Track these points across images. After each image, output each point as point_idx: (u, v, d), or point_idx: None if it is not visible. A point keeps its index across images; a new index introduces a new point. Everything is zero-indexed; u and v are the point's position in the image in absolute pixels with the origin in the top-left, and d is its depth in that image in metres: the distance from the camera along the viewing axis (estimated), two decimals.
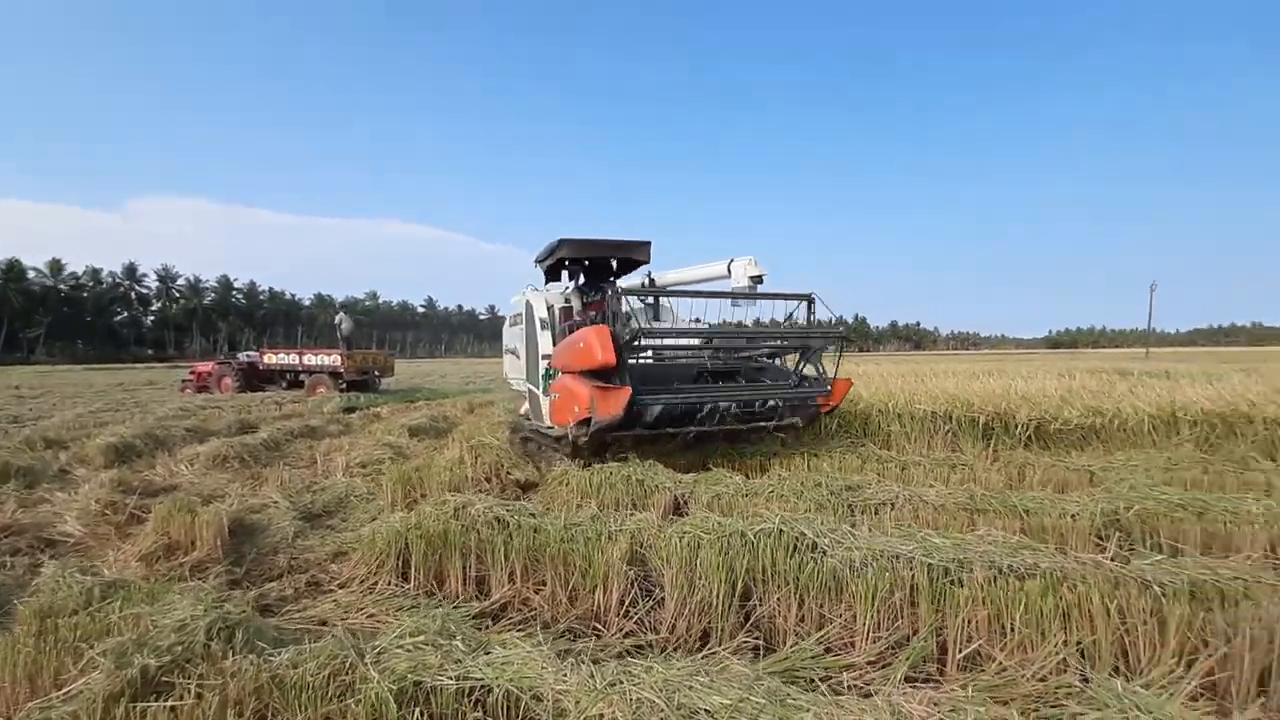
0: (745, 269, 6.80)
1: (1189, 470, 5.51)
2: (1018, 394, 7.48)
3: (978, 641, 2.59)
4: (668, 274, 7.59)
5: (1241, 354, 47.13)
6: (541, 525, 3.78)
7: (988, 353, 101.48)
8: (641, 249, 7.12)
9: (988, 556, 2.98)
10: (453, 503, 4.09)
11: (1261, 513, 3.97)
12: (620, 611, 3.08)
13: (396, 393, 18.37)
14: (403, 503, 5.29)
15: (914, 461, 6.24)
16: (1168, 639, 2.44)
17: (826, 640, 2.75)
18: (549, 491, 5.50)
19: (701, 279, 7.52)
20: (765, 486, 4.87)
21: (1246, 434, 6.33)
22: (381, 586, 3.67)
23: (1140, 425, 6.57)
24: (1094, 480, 5.38)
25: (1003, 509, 4.27)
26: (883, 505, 4.48)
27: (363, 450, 7.73)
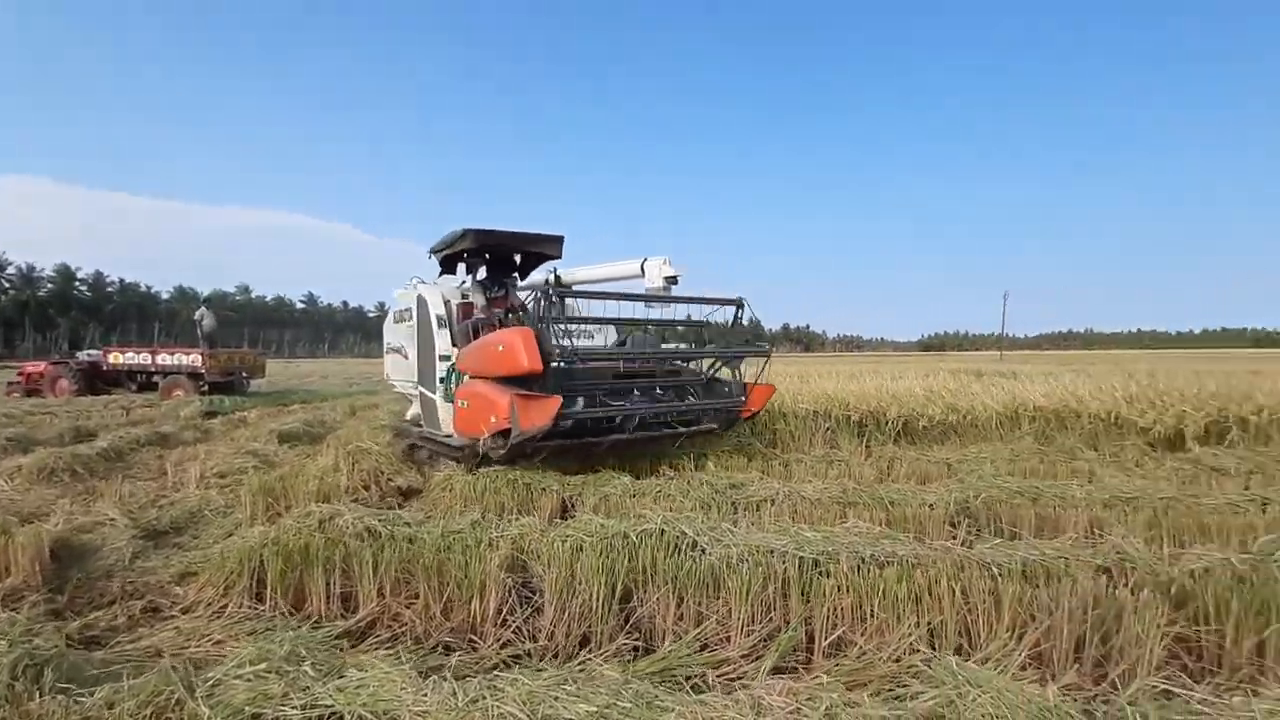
0: (660, 269, 6.75)
1: (1028, 460, 6.15)
2: (888, 394, 8.05)
3: (841, 628, 2.73)
4: (576, 271, 7.35)
5: (1077, 356, 53.74)
6: (417, 535, 3.58)
7: (869, 354, 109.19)
8: (553, 244, 6.83)
9: (853, 547, 3.14)
10: (318, 514, 3.80)
11: (1084, 497, 4.49)
12: (497, 621, 2.97)
13: (268, 395, 16.96)
14: (264, 516, 4.85)
15: (796, 459, 6.54)
16: (1003, 615, 2.67)
17: (704, 637, 2.79)
18: (431, 498, 5.26)
19: (613, 277, 7.40)
20: (652, 487, 4.90)
21: (1074, 427, 7.18)
22: (232, 609, 3.32)
23: (989, 421, 7.28)
24: (951, 471, 5.87)
25: (871, 501, 4.55)
26: (764, 502, 4.64)
27: (222, 459, 7.03)
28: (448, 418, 5.94)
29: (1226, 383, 8.58)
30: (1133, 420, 7.07)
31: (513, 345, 4.78)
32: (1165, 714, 1.86)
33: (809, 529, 3.35)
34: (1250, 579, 2.85)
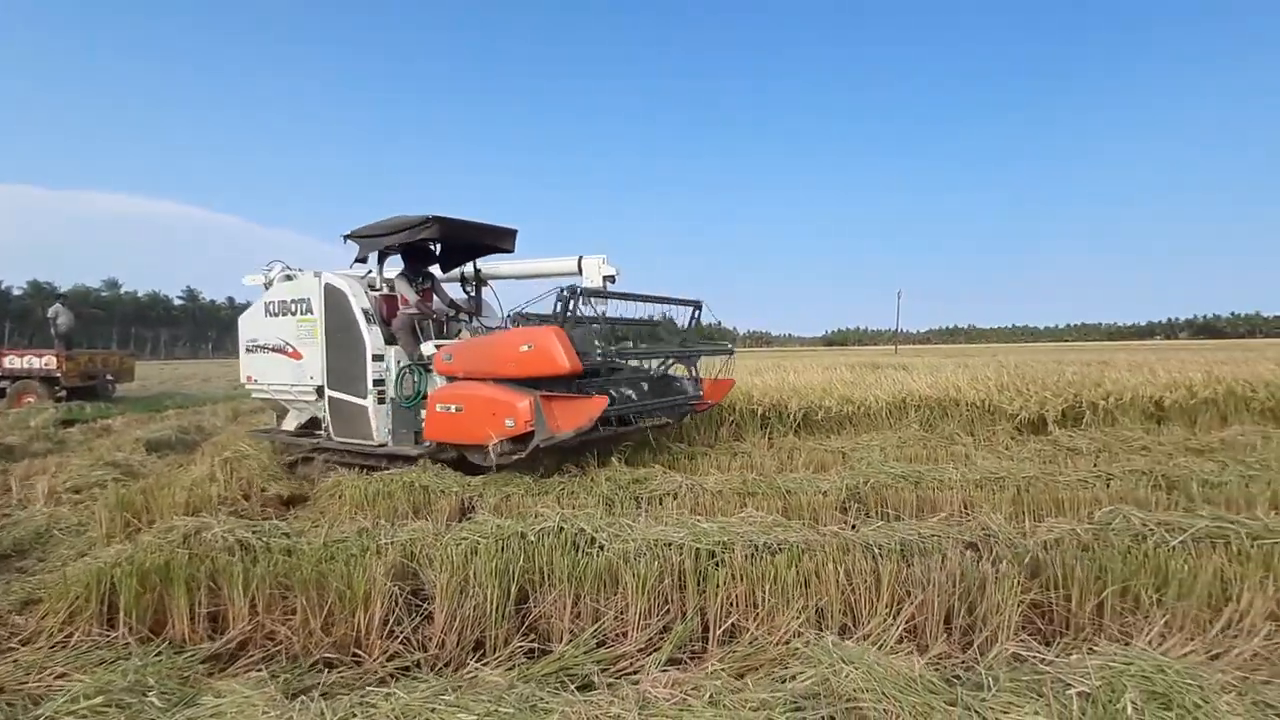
0: (599, 267, 6.73)
1: (913, 447, 6.57)
2: (790, 387, 8.37)
3: (735, 616, 2.78)
4: (500, 265, 7.14)
5: (961, 350, 58.27)
6: (296, 546, 3.34)
7: (777, 349, 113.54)
8: (508, 237, 6.48)
9: (748, 536, 3.22)
10: (182, 528, 3.46)
11: (958, 479, 4.83)
12: (384, 632, 2.81)
13: (139, 400, 15.41)
14: (122, 533, 4.38)
15: (701, 452, 6.66)
16: (882, 593, 2.82)
17: (601, 633, 2.77)
18: (319, 506, 4.94)
19: (545, 273, 7.26)
20: (555, 484, 4.84)
21: (954, 415, 7.75)
22: (79, 638, 2.97)
23: (880, 411, 7.73)
24: (845, 460, 6.18)
25: (770, 491, 4.69)
26: (667, 496, 4.68)
27: (77, 472, 6.29)
28: (384, 423, 5.56)
29: (1082, 372, 9.54)
30: (1003, 407, 7.71)
31: (546, 345, 4.53)
32: (1015, 675, 2.01)
33: (706, 520, 3.40)
34: (1092, 546, 3.16)
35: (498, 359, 4.87)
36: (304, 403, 6.37)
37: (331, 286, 5.84)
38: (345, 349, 5.73)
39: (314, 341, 6.00)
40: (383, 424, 5.59)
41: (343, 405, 5.81)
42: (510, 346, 4.80)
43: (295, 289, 6.20)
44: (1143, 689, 1.83)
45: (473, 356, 5.09)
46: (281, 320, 6.29)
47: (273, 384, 6.53)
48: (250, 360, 6.67)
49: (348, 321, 5.70)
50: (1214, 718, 1.82)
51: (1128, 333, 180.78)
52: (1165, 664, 1.94)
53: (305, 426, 6.62)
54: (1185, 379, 8.23)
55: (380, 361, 5.63)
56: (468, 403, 4.85)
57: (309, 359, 6.08)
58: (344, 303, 5.73)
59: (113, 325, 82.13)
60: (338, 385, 5.84)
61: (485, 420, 4.68)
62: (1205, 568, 2.85)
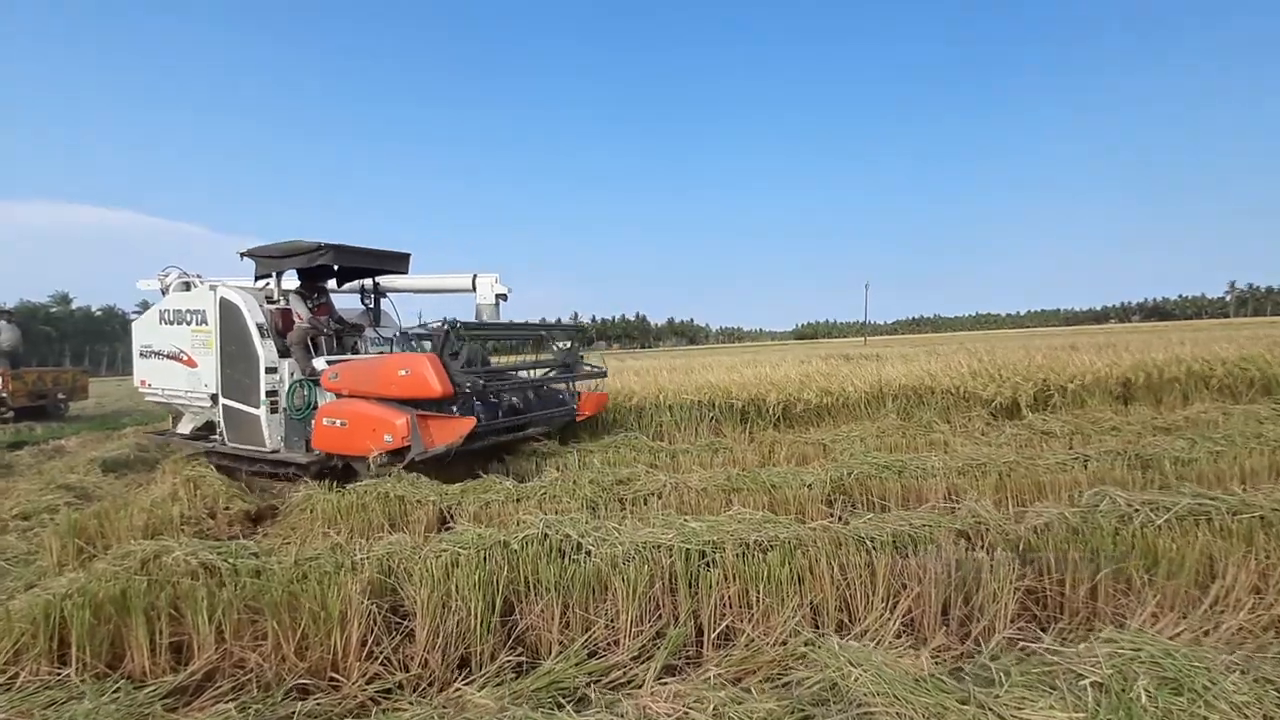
0: (491, 286, 7.27)
1: (892, 436, 6.59)
2: (768, 381, 8.34)
3: (729, 618, 2.70)
4: (397, 280, 7.36)
5: (930, 339, 59.43)
6: (265, 566, 3.16)
7: (750, 345, 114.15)
8: (402, 261, 6.77)
9: (737, 534, 3.14)
10: (139, 553, 3.24)
11: (941, 467, 4.83)
12: (362, 654, 2.66)
13: (94, 419, 14.75)
14: (75, 560, 4.12)
15: (683, 449, 6.57)
16: (878, 587, 2.77)
17: (592, 643, 2.66)
18: (289, 522, 4.72)
19: (439, 289, 7.74)
20: (536, 490, 4.70)
21: (930, 403, 7.81)
22: (25, 679, 2.75)
23: (858, 402, 7.75)
24: (826, 452, 6.16)
25: (754, 486, 4.63)
26: (651, 495, 4.59)
27: (25, 497, 5.94)
28: (276, 432, 5.84)
29: (1050, 357, 9.72)
30: (977, 393, 7.79)
31: (421, 371, 4.90)
32: (1025, 669, 1.96)
33: (694, 520, 3.31)
34: (1081, 529, 3.15)
35: (379, 380, 5.19)
36: (197, 408, 6.54)
37: (226, 300, 6.01)
38: (239, 361, 5.95)
39: (209, 351, 6.19)
40: (275, 432, 5.85)
41: (236, 413, 6.03)
42: (390, 370, 5.15)
43: (191, 299, 6.39)
44: (1153, 675, 1.80)
45: (357, 376, 5.38)
46: (177, 329, 6.46)
47: (167, 389, 6.66)
48: (144, 365, 6.82)
49: (242, 335, 5.91)
50: (1222, 698, 1.80)
51: (1084, 317, 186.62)
52: (1172, 648, 1.91)
53: (200, 430, 6.80)
54: (1149, 360, 8.43)
55: (274, 374, 5.86)
56: (351, 418, 5.16)
57: (204, 368, 6.27)
58: (238, 317, 5.93)
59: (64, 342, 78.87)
60: (231, 394, 6.06)
61: (367, 435, 5.03)
62: (1193, 546, 2.86)
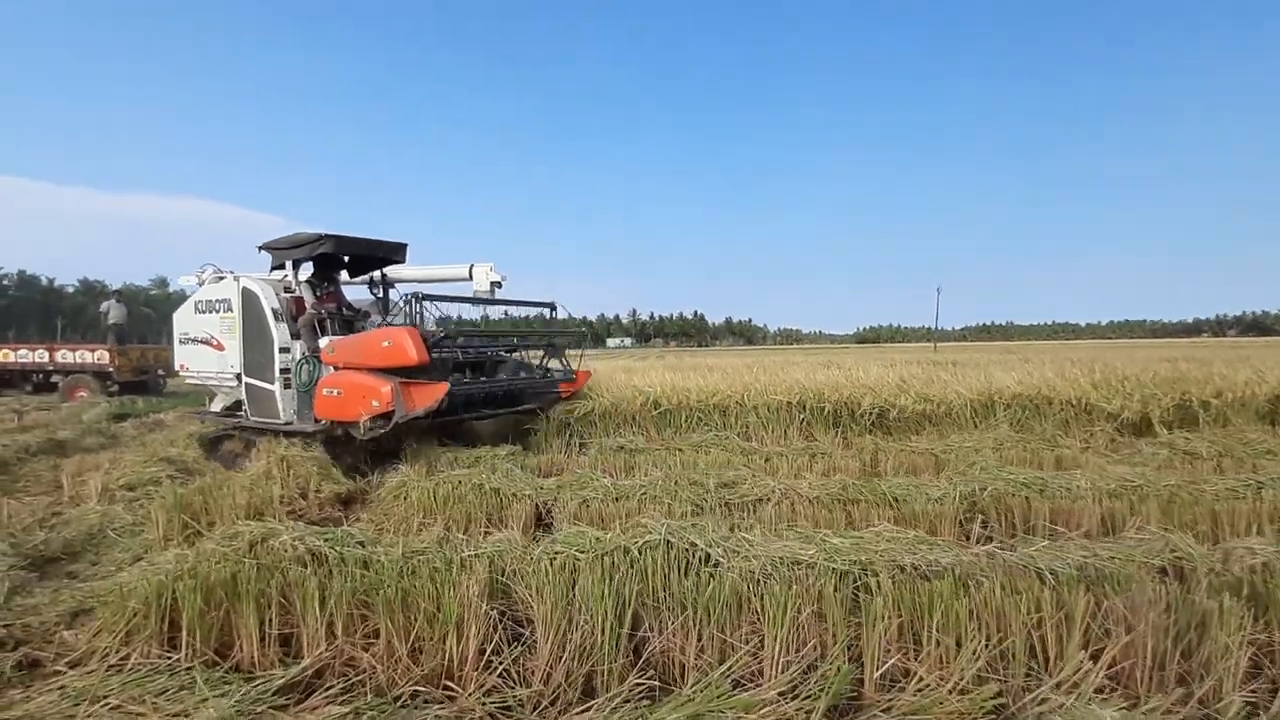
0: (486, 274, 7.86)
1: (1012, 449, 6.00)
2: (860, 384, 7.83)
3: (895, 656, 2.33)
4: (402, 271, 7.89)
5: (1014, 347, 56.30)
6: (373, 557, 2.99)
7: (810, 347, 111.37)
8: (399, 250, 7.31)
9: (889, 555, 2.76)
10: (248, 535, 3.13)
11: (1089, 488, 4.28)
12: (480, 664, 2.43)
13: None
14: (180, 536, 4.11)
15: (776, 452, 6.19)
16: (1073, 631, 2.34)
17: (732, 673, 2.34)
18: (382, 508, 4.62)
19: (440, 279, 8.38)
20: (636, 489, 4.43)
21: (1047, 414, 7.14)
22: (136, 660, 2.65)
23: (964, 410, 7.15)
24: (939, 464, 5.65)
25: (873, 498, 4.22)
26: (760, 502, 4.25)
27: (130, 468, 6.11)
28: (289, 405, 6.45)
29: (1176, 369, 8.79)
30: (1100, 406, 7.07)
31: (400, 341, 5.39)
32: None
33: (836, 535, 2.94)
34: None
35: (366, 352, 5.70)
36: (227, 388, 7.22)
37: (247, 289, 6.71)
38: (258, 342, 6.61)
39: (234, 336, 6.85)
40: (288, 405, 6.46)
41: (256, 390, 6.68)
42: (376, 342, 5.65)
43: (219, 290, 7.04)
44: None
45: (349, 350, 5.90)
46: (208, 316, 7.17)
47: (201, 371, 7.36)
48: (183, 351, 7.50)
49: (260, 319, 6.58)
50: None
51: (1173, 330, 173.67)
52: None
53: (229, 408, 7.46)
54: None
55: (286, 353, 6.48)
56: (345, 387, 5.66)
57: (230, 351, 6.94)
58: (257, 303, 6.60)
59: (163, 322, 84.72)
60: (253, 373, 6.71)
61: (357, 402, 5.51)
62: None
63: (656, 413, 7.43)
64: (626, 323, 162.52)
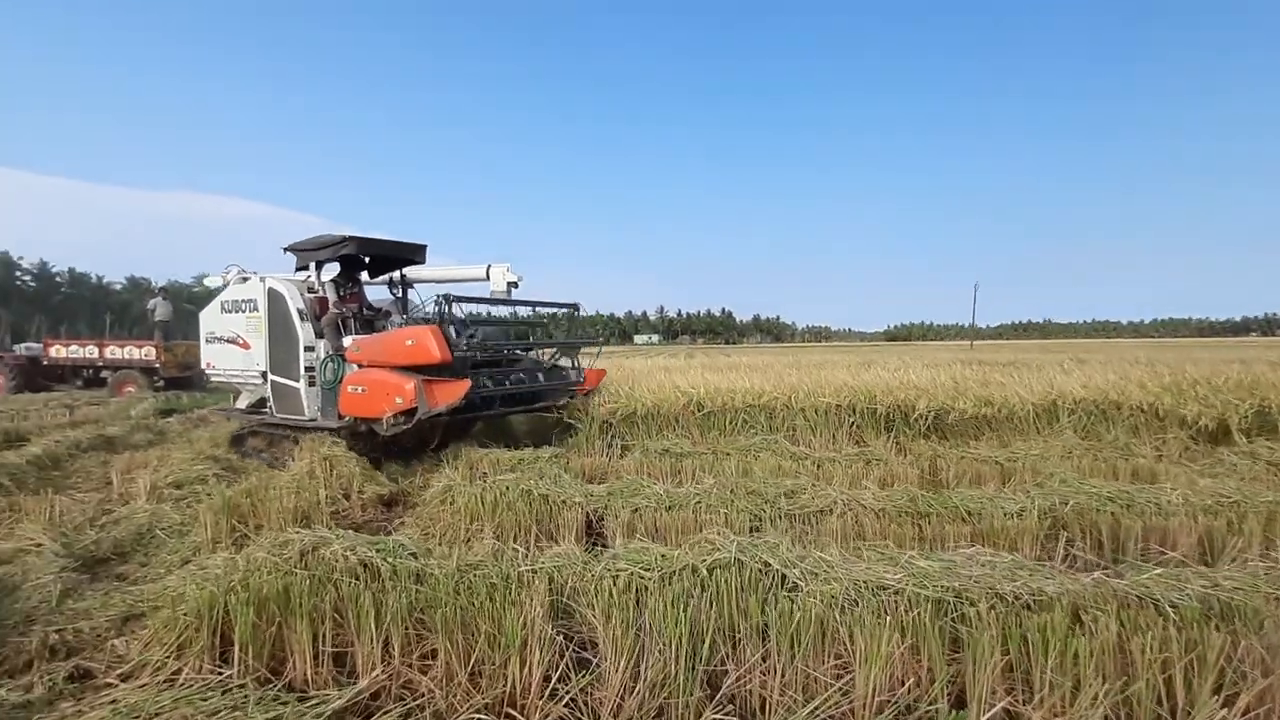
0: (503, 275, 8.18)
1: (1082, 458, 5.65)
2: (912, 385, 7.51)
3: (1004, 699, 2.10)
4: (421, 271, 8.05)
5: (1043, 345, 54.53)
6: (426, 570, 2.85)
7: (839, 345, 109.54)
8: (419, 251, 7.42)
9: (985, 581, 2.53)
10: (298, 542, 3.03)
11: (1181, 504, 3.96)
12: (544, 692, 2.28)
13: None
14: (228, 539, 4.06)
15: (827, 457, 5.95)
16: (1205, 675, 2.08)
17: (820, 712, 2.14)
18: (428, 513, 4.51)
19: (457, 278, 8.64)
20: (690, 496, 4.24)
21: (1115, 420, 6.74)
22: (188, 676, 2.56)
23: (1026, 414, 6.79)
24: (1004, 473, 5.34)
25: (945, 512, 3.96)
26: (822, 514, 4.02)
27: (178, 466, 6.14)
28: (313, 402, 6.60)
29: (1250, 372, 8.26)
30: (1176, 412, 6.64)
31: (424, 340, 5.54)
32: None
33: (923, 557, 2.71)
34: None
35: (390, 351, 5.85)
36: (252, 385, 7.32)
37: (274, 290, 6.88)
38: (284, 341, 6.78)
39: (260, 335, 7.02)
40: (313, 402, 6.62)
41: (282, 387, 6.85)
42: (399, 341, 5.80)
43: (246, 290, 7.19)
44: None
45: (374, 348, 6.05)
46: (234, 316, 7.33)
47: (227, 369, 7.52)
48: (210, 349, 7.66)
49: (286, 319, 6.75)
50: None
51: (1221, 328, 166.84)
52: None
53: (254, 406, 7.57)
54: None
55: (311, 352, 6.64)
56: (369, 384, 5.81)
57: (256, 349, 7.11)
58: (282, 303, 6.78)
59: None
60: (278, 371, 6.88)
61: (381, 398, 5.65)
62: None
63: (700, 414, 7.23)
64: (654, 319, 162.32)
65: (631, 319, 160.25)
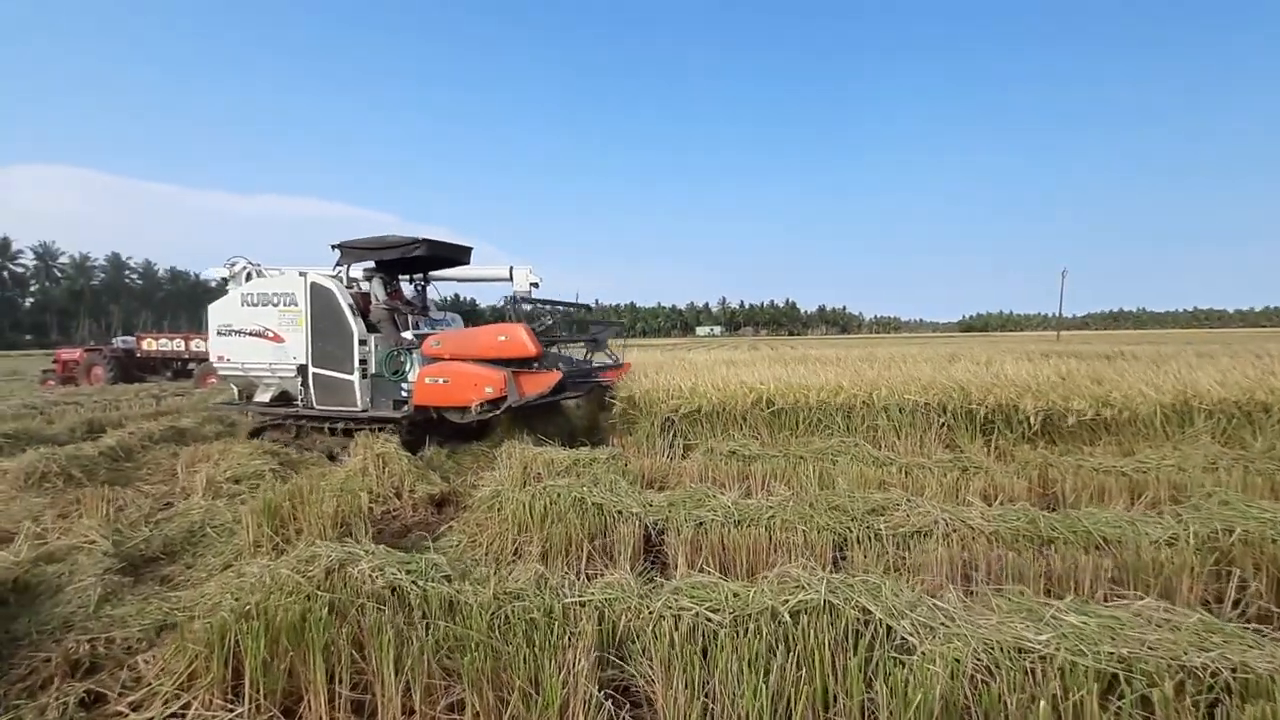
0: (526, 276, 8.70)
1: (1232, 470, 4.76)
2: (1012, 381, 6.67)
3: None
4: (449, 270, 8.20)
5: (1141, 336, 50.15)
6: (459, 597, 2.47)
7: (911, 336, 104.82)
8: (466, 252, 7.70)
9: (1165, 648, 1.91)
10: (324, 559, 2.72)
11: None
12: None
13: None
14: (269, 543, 3.85)
15: (916, 464, 5.27)
16: None
17: None
18: (475, 520, 4.18)
19: (483, 278, 9.07)
20: (762, 510, 3.72)
21: (1262, 425, 5.73)
22: (197, 711, 2.29)
23: (1153, 416, 5.88)
24: (1134, 487, 4.54)
25: (1073, 537, 3.29)
26: (920, 535, 3.42)
27: (239, 459, 6.10)
28: (366, 393, 6.78)
29: None
30: None
31: (518, 336, 6.00)
32: None
33: (1074, 610, 2.11)
34: None
35: (480, 346, 6.24)
36: (280, 379, 7.32)
37: (318, 285, 6.92)
38: (334, 335, 6.84)
39: (298, 329, 7.02)
40: (365, 394, 6.80)
41: (328, 380, 6.93)
42: (490, 336, 6.23)
43: (279, 284, 7.17)
44: None
45: (458, 343, 6.41)
46: (263, 309, 7.23)
47: (247, 363, 7.43)
48: (222, 342, 7.56)
49: (335, 313, 6.81)
50: None
51: None
52: None
53: (276, 399, 7.49)
54: None
55: (364, 345, 6.77)
56: (454, 376, 6.12)
57: (292, 343, 7.09)
58: (330, 298, 6.84)
59: None
60: (323, 364, 6.94)
61: (469, 389, 6.01)
62: None
63: (768, 412, 6.66)
64: (716, 311, 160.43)
65: (693, 310, 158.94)
